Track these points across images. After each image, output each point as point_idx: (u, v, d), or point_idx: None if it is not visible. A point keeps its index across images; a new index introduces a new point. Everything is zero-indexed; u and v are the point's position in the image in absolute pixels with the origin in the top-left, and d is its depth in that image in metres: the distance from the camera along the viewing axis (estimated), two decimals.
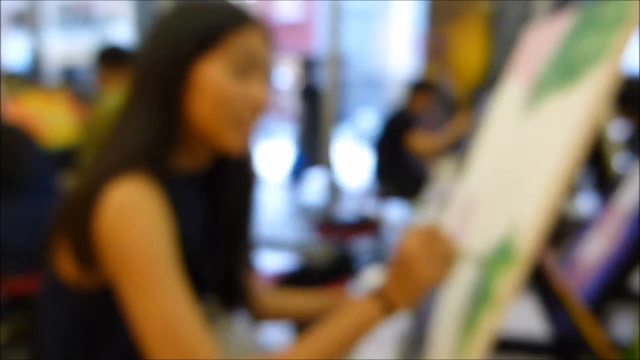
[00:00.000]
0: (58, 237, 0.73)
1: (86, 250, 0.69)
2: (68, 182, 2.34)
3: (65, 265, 0.73)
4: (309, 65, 6.33)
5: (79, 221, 0.69)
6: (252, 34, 0.76)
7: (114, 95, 2.35)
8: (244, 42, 0.75)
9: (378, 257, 3.85)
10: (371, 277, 1.32)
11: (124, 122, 0.77)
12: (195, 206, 0.84)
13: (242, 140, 0.77)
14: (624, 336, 0.94)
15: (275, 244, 4.31)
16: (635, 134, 2.46)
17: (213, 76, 0.73)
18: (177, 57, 0.74)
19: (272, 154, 6.77)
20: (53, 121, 2.80)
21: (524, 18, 4.04)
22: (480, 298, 0.52)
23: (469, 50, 4.67)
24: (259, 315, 1.04)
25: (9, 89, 2.72)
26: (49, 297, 0.77)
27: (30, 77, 3.45)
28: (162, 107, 0.75)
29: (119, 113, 0.78)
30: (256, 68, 0.76)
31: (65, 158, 2.51)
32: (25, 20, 4.76)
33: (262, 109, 0.77)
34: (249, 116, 0.76)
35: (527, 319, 1.04)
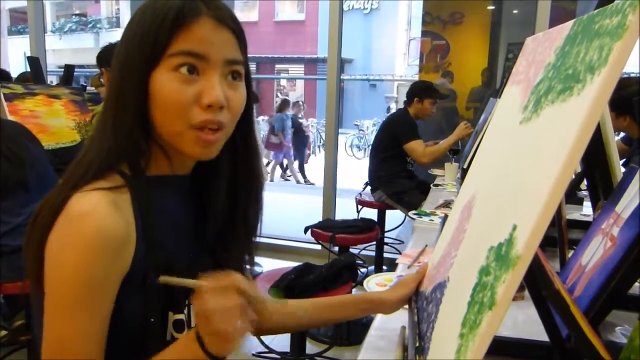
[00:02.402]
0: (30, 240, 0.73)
1: (42, 255, 0.69)
2: None
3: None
4: None
5: (41, 228, 0.70)
6: (196, 29, 0.72)
7: None
8: (189, 42, 0.72)
9: (379, 264, 3.86)
10: (372, 285, 1.33)
11: (95, 130, 0.78)
12: (176, 209, 0.83)
13: (203, 146, 0.74)
14: (622, 340, 0.95)
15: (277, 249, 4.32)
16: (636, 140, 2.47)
17: (163, 85, 0.72)
18: (130, 73, 0.74)
19: None
20: (52, 121, 2.81)
21: (526, 23, 4.05)
22: (480, 301, 0.53)
23: (471, 54, 4.68)
24: (260, 328, 1.03)
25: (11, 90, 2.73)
26: (34, 298, 0.78)
27: (31, 79, 3.48)
28: (124, 118, 0.74)
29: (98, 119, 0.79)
30: (208, 63, 0.73)
31: (65, 158, 2.52)
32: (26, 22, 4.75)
33: (215, 106, 0.72)
34: (205, 118, 0.73)
35: (525, 323, 1.05)
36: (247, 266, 0.93)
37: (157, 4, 0.74)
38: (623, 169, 1.15)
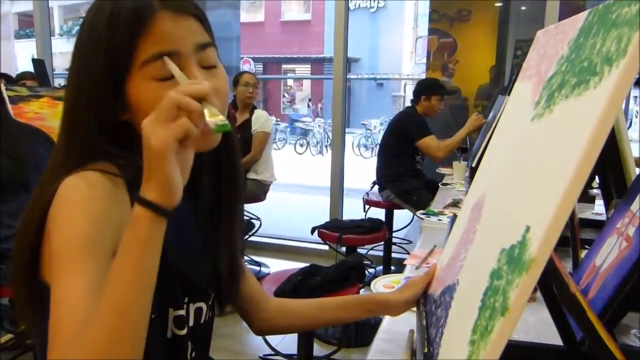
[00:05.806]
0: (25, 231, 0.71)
1: (40, 242, 0.67)
2: None
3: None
4: None
5: (38, 215, 0.68)
6: (156, 28, 0.68)
7: None
8: (154, 44, 0.68)
9: (387, 264, 3.83)
10: (380, 287, 1.31)
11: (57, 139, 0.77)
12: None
13: (204, 137, 0.69)
14: (637, 343, 0.92)
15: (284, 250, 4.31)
16: None
17: (145, 97, 0.69)
18: (90, 90, 0.71)
19: None
20: (58, 124, 2.81)
21: (534, 19, 4.01)
22: (492, 306, 0.51)
23: (478, 51, 4.64)
24: (265, 327, 1.01)
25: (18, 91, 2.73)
26: (30, 307, 0.75)
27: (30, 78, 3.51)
28: (85, 133, 0.73)
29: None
30: (180, 57, 0.69)
31: None
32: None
33: (207, 96, 0.70)
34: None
35: (537, 325, 1.03)
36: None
37: (106, 12, 0.69)
38: None
